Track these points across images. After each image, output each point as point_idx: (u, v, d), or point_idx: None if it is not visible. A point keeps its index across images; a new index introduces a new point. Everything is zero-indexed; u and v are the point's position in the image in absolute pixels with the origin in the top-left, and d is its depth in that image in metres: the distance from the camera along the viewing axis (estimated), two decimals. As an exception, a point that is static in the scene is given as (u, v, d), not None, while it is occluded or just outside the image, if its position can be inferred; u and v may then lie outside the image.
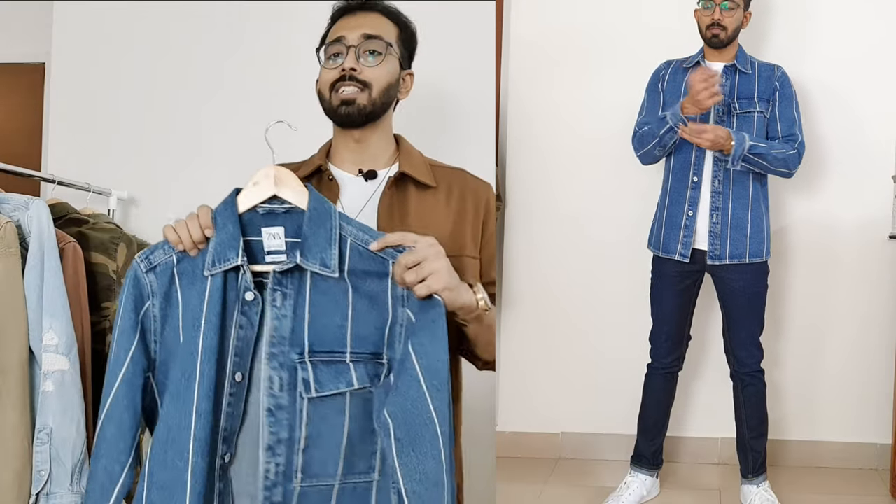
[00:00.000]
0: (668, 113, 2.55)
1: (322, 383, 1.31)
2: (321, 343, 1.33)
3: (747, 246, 2.61)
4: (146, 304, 1.39)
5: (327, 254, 1.33)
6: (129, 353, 1.38)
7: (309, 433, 1.31)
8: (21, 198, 1.89)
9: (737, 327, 2.69)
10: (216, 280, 1.35)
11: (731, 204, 2.60)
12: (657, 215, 2.73)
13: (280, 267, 1.34)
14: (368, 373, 1.33)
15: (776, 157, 2.57)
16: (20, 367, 1.79)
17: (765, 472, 2.76)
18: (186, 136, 2.69)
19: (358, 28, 1.58)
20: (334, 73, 1.56)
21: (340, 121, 1.59)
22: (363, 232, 1.38)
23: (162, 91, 2.70)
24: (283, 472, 1.31)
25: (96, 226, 2.21)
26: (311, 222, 1.35)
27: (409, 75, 1.67)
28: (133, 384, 1.38)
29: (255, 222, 1.40)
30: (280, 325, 1.33)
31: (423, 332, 1.32)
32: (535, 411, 3.27)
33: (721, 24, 2.59)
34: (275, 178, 1.39)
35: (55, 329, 1.83)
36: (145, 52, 2.72)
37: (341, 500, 1.32)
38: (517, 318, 3.27)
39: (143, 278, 1.39)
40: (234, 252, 1.34)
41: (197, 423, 1.30)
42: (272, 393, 1.32)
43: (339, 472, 1.32)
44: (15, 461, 1.76)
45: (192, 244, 1.37)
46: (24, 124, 3.84)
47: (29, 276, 1.82)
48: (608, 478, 3.00)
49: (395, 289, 1.35)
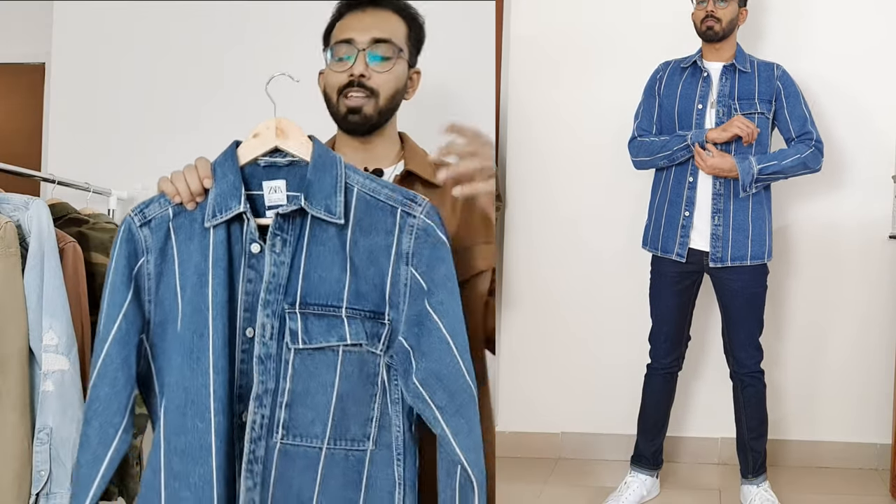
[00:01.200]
0: (691, 135, 2.57)
1: (311, 335, 1.25)
2: (316, 295, 1.26)
3: (749, 248, 2.61)
4: (140, 260, 1.31)
5: (332, 200, 1.27)
6: (122, 308, 1.29)
7: (294, 387, 1.25)
8: (21, 198, 1.89)
9: (736, 328, 2.68)
10: (219, 233, 1.28)
11: (733, 206, 2.60)
12: (653, 215, 2.73)
13: (283, 209, 1.27)
14: (366, 330, 1.26)
15: (792, 165, 2.60)
16: (20, 367, 1.79)
17: (765, 473, 2.76)
18: (186, 136, 2.69)
19: (368, 30, 1.52)
20: (343, 76, 1.52)
21: (346, 128, 1.56)
22: (371, 181, 1.32)
23: (162, 91, 2.70)
24: (267, 424, 1.24)
25: (96, 226, 2.22)
26: (316, 170, 1.29)
27: (416, 73, 1.63)
28: (127, 342, 1.29)
29: (257, 176, 1.33)
30: (277, 272, 1.26)
31: (441, 290, 1.27)
32: (535, 411, 3.27)
33: (715, 16, 2.59)
34: (276, 129, 1.33)
35: (55, 329, 1.83)
36: (145, 52, 2.72)
37: (329, 468, 1.25)
38: (517, 319, 3.27)
39: (137, 233, 1.32)
40: (237, 200, 1.28)
41: (216, 381, 1.23)
42: (264, 341, 1.25)
43: (326, 435, 1.24)
44: (15, 461, 1.76)
45: (189, 196, 1.31)
46: (24, 124, 3.84)
47: (29, 276, 1.82)
48: (608, 478, 3.00)
49: (401, 245, 1.29)
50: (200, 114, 2.68)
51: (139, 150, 2.70)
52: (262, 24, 2.68)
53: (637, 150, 2.72)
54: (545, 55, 3.20)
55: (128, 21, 2.73)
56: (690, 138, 2.56)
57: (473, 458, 1.24)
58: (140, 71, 2.72)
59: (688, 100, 2.65)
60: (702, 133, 2.56)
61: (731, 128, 2.52)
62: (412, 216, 1.29)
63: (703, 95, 2.64)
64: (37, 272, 1.83)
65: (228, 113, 2.65)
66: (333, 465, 1.25)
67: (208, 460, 1.22)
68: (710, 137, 2.54)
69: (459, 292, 1.28)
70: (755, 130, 2.52)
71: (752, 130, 2.52)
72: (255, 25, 2.68)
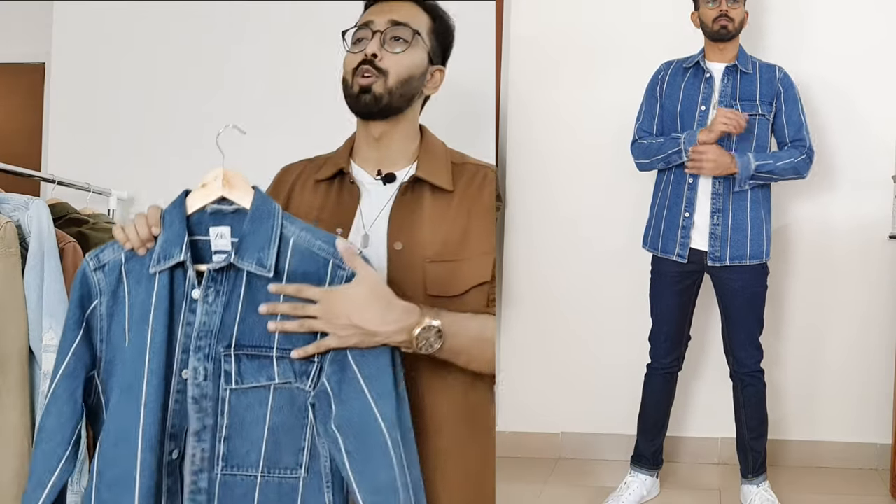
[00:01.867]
0: (684, 138, 2.57)
1: (244, 376, 1.33)
2: (249, 338, 1.34)
3: (748, 248, 2.61)
4: (94, 301, 1.39)
5: (265, 253, 1.34)
6: (71, 347, 1.38)
7: (231, 422, 1.33)
8: (21, 198, 1.89)
9: (736, 328, 2.68)
10: (163, 277, 1.35)
11: (732, 206, 2.60)
12: (653, 216, 2.73)
13: (213, 266, 1.35)
14: (294, 370, 1.34)
15: (784, 168, 2.60)
16: (20, 366, 1.79)
17: (765, 472, 2.76)
18: (186, 136, 2.69)
19: (387, 14, 1.53)
20: (357, 57, 1.52)
21: (358, 110, 1.54)
22: (307, 232, 1.38)
23: (162, 91, 2.70)
24: (208, 458, 1.33)
25: (96, 226, 2.22)
26: (252, 222, 1.37)
27: (438, 71, 1.61)
28: (74, 378, 1.37)
29: (204, 222, 1.41)
30: (209, 321, 1.34)
31: None
32: (535, 411, 3.27)
33: (728, 16, 2.59)
34: (223, 179, 1.41)
35: (55, 329, 1.83)
36: (145, 52, 2.72)
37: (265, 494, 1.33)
38: (517, 319, 3.27)
39: (90, 276, 1.40)
40: (178, 249, 1.35)
41: (146, 420, 1.30)
42: (197, 382, 1.33)
43: (261, 464, 1.33)
44: (15, 461, 1.76)
45: (139, 242, 1.38)
46: (24, 124, 3.84)
47: (29, 276, 1.82)
48: (608, 478, 3.00)
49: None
50: (200, 114, 2.68)
51: (139, 150, 2.70)
52: (263, 24, 2.68)
53: (637, 152, 2.72)
54: (545, 55, 3.20)
55: (128, 21, 2.73)
56: (683, 142, 2.56)
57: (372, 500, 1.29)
58: (140, 71, 2.72)
59: (691, 100, 2.65)
60: (693, 135, 2.55)
61: (716, 126, 2.51)
62: (342, 269, 1.35)
63: (706, 96, 2.64)
64: (37, 272, 1.83)
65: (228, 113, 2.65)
66: (269, 492, 1.33)
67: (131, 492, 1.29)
68: (700, 140, 2.54)
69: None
70: (740, 118, 2.50)
71: (737, 120, 2.50)
72: (256, 25, 2.68)
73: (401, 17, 1.53)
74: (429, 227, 1.49)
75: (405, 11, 1.54)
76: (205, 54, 2.69)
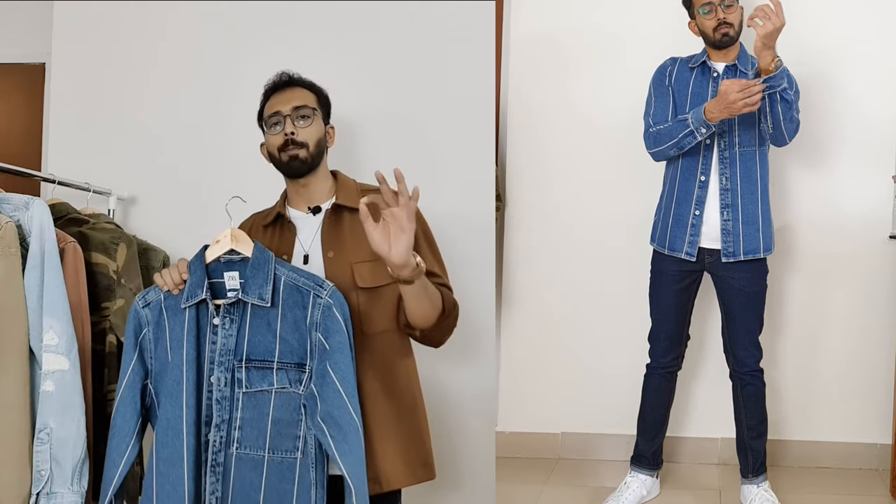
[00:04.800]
0: (691, 117, 2.55)
1: (251, 382, 1.81)
2: (256, 353, 1.81)
3: (760, 240, 2.62)
4: (143, 330, 1.86)
5: (264, 290, 1.81)
6: (130, 366, 1.85)
7: (243, 415, 1.80)
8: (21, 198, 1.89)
9: (736, 327, 2.69)
10: (191, 311, 1.83)
11: (741, 200, 2.60)
12: (662, 213, 2.72)
13: (227, 301, 1.83)
14: (290, 377, 1.81)
15: (795, 120, 2.55)
16: (20, 367, 1.79)
17: (765, 472, 2.76)
18: (186, 136, 2.69)
19: (288, 102, 1.99)
20: (279, 138, 1.97)
21: (290, 174, 1.99)
22: (293, 272, 1.84)
23: (162, 91, 2.70)
24: (225, 441, 1.80)
25: (96, 226, 2.21)
26: (253, 268, 1.83)
27: (331, 129, 2.08)
28: (133, 387, 1.85)
29: (220, 269, 1.86)
30: (226, 342, 1.82)
31: (335, 353, 1.77)
32: (535, 411, 3.28)
33: (727, 22, 2.59)
34: (231, 236, 1.85)
35: (55, 329, 1.83)
36: (145, 52, 2.72)
37: (271, 469, 1.79)
38: (517, 318, 3.27)
39: (140, 312, 1.87)
40: (201, 289, 1.82)
41: (187, 413, 1.79)
42: (219, 388, 1.81)
43: (266, 447, 1.79)
44: (15, 461, 1.76)
45: (173, 285, 1.85)
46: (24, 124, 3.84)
47: (29, 276, 1.82)
48: (608, 478, 3.00)
49: (313, 317, 1.80)
50: (200, 114, 2.68)
51: (139, 150, 2.70)
52: (263, 24, 2.68)
53: (650, 141, 2.68)
54: (545, 55, 3.20)
55: (128, 21, 2.72)
56: (692, 121, 2.54)
57: (352, 471, 1.73)
58: (140, 71, 2.72)
59: (700, 98, 2.64)
60: (700, 111, 2.53)
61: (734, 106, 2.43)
62: (320, 297, 1.81)
63: (715, 95, 2.63)
64: (37, 272, 1.83)
65: (228, 113, 2.66)
66: (273, 467, 1.80)
67: (181, 465, 1.78)
68: (709, 109, 2.49)
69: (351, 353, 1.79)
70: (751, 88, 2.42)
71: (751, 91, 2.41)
72: (256, 25, 2.68)
73: (299, 101, 1.99)
74: (351, 239, 1.94)
75: (299, 95, 2.01)
76: (205, 54, 2.69)
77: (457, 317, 1.97)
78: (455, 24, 2.60)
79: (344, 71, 2.58)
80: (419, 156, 2.57)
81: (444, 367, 2.50)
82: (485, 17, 2.60)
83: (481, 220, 2.60)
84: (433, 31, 2.62)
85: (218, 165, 2.64)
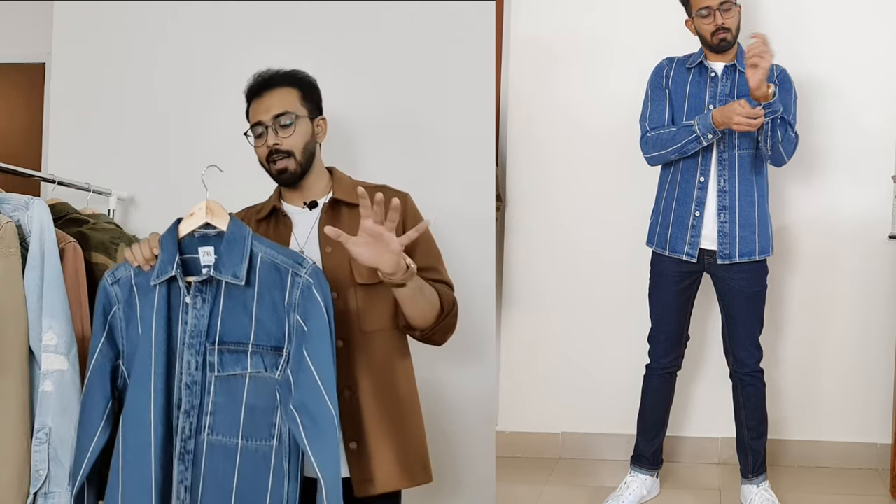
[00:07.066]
0: (697, 123, 2.54)
1: (224, 365, 1.70)
2: (229, 336, 1.70)
3: (756, 243, 2.62)
4: (113, 308, 1.76)
5: (238, 268, 1.69)
6: (97, 347, 1.76)
7: (216, 400, 1.70)
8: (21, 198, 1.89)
9: (736, 327, 2.69)
10: (162, 289, 1.72)
11: (738, 202, 2.60)
12: (660, 214, 2.72)
13: (198, 278, 1.72)
14: (265, 362, 1.70)
15: (792, 140, 2.56)
16: (20, 366, 1.79)
17: (765, 472, 2.76)
18: (186, 135, 2.69)
19: (268, 110, 1.93)
20: (263, 149, 1.94)
21: (282, 184, 1.97)
22: (271, 248, 1.74)
23: (162, 91, 2.70)
24: (195, 427, 1.70)
25: (96, 226, 2.21)
26: (228, 244, 1.72)
27: (322, 121, 2.01)
28: (102, 371, 1.75)
29: (194, 244, 1.76)
30: (198, 323, 1.71)
31: (313, 338, 1.66)
32: (535, 411, 3.28)
33: (725, 27, 2.59)
34: (207, 209, 1.75)
35: (55, 329, 1.83)
36: (145, 52, 2.72)
37: (244, 459, 1.69)
38: (517, 318, 3.27)
39: (109, 289, 1.77)
40: (171, 266, 1.71)
41: (155, 398, 1.69)
42: (189, 371, 1.70)
43: (240, 434, 1.69)
44: (14, 461, 1.76)
45: (143, 261, 1.74)
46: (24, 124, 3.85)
47: (29, 276, 1.82)
48: (608, 478, 3.00)
49: (292, 298, 1.69)
50: (200, 114, 2.68)
51: (139, 150, 2.70)
52: (263, 24, 2.68)
53: (648, 146, 2.68)
54: (545, 55, 3.20)
55: (128, 21, 2.72)
56: (698, 127, 2.54)
57: (324, 465, 1.62)
58: (140, 71, 2.72)
59: (698, 99, 2.64)
60: (706, 117, 2.53)
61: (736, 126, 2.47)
62: (298, 276, 1.70)
63: (713, 96, 2.64)
64: (37, 272, 1.83)
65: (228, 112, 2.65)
66: (247, 456, 1.69)
67: (148, 453, 1.68)
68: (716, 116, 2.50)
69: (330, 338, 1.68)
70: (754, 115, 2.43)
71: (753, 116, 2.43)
72: (256, 25, 2.68)
73: (279, 108, 1.93)
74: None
75: (279, 100, 1.94)
76: (205, 54, 2.69)
77: (456, 315, 1.94)
78: (455, 24, 2.60)
79: (344, 71, 2.58)
80: (419, 156, 2.57)
81: (444, 366, 2.50)
82: (485, 17, 2.60)
83: (481, 220, 2.60)
84: (433, 31, 2.62)
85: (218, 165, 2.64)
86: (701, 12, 2.59)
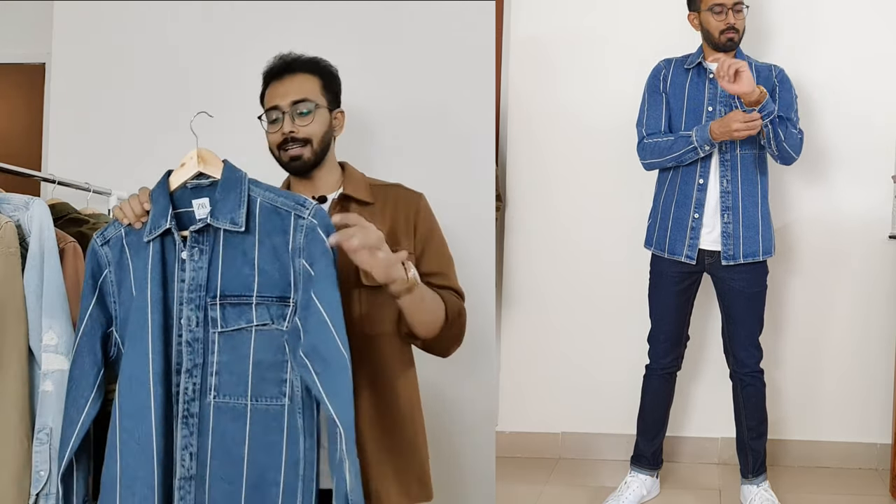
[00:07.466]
0: (695, 135, 2.55)
1: (227, 320, 1.59)
2: (231, 288, 1.59)
3: (760, 244, 2.62)
4: (104, 271, 1.67)
5: (236, 213, 1.59)
6: (87, 311, 1.67)
7: (220, 359, 1.59)
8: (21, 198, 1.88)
9: (736, 327, 2.69)
10: (156, 245, 1.62)
11: (742, 203, 2.60)
12: (659, 216, 2.72)
13: (194, 227, 1.61)
14: (271, 313, 1.59)
15: (796, 137, 2.57)
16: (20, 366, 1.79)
17: (765, 472, 2.76)
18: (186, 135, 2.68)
19: (286, 95, 1.85)
20: (277, 136, 1.85)
21: (291, 172, 1.89)
22: (270, 192, 1.63)
23: (162, 90, 2.70)
24: (199, 389, 1.59)
25: (96, 226, 2.21)
26: (223, 189, 1.62)
27: (339, 113, 1.94)
28: (92, 336, 1.66)
29: (187, 196, 1.65)
30: (196, 276, 1.60)
31: (321, 279, 1.55)
32: (535, 411, 3.28)
33: (735, 28, 2.59)
34: (198, 157, 1.65)
35: (55, 329, 1.82)
36: (145, 52, 2.72)
37: (255, 419, 1.58)
38: (517, 318, 3.27)
39: (99, 251, 1.68)
40: (165, 219, 1.61)
41: (154, 360, 1.58)
42: (190, 328, 1.60)
43: (248, 394, 1.58)
44: (15, 461, 1.76)
45: (134, 217, 1.65)
46: (24, 124, 3.85)
47: (29, 276, 1.82)
48: (608, 478, 3.00)
49: (295, 242, 1.58)
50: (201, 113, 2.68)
51: (140, 150, 2.70)
52: (263, 24, 2.68)
53: (645, 152, 2.69)
54: (545, 55, 3.20)
55: (128, 21, 2.72)
56: (695, 139, 2.55)
57: (341, 411, 1.51)
58: (140, 71, 2.72)
59: (697, 101, 2.64)
60: (704, 129, 2.54)
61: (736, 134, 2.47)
62: (302, 218, 1.59)
63: (712, 97, 2.64)
64: (37, 272, 1.82)
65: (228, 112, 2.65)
66: (257, 416, 1.58)
67: (148, 419, 1.57)
68: (714, 129, 2.50)
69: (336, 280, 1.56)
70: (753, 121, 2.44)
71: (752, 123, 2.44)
72: (256, 25, 2.68)
73: (298, 94, 1.84)
74: None
75: (299, 86, 1.86)
76: (205, 53, 2.69)
77: (463, 325, 1.86)
78: (455, 24, 2.60)
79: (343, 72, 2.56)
80: (419, 156, 2.57)
81: (444, 366, 2.49)
82: (485, 17, 2.60)
83: (481, 220, 2.60)
84: (433, 32, 2.62)
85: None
86: (714, 8, 2.59)
